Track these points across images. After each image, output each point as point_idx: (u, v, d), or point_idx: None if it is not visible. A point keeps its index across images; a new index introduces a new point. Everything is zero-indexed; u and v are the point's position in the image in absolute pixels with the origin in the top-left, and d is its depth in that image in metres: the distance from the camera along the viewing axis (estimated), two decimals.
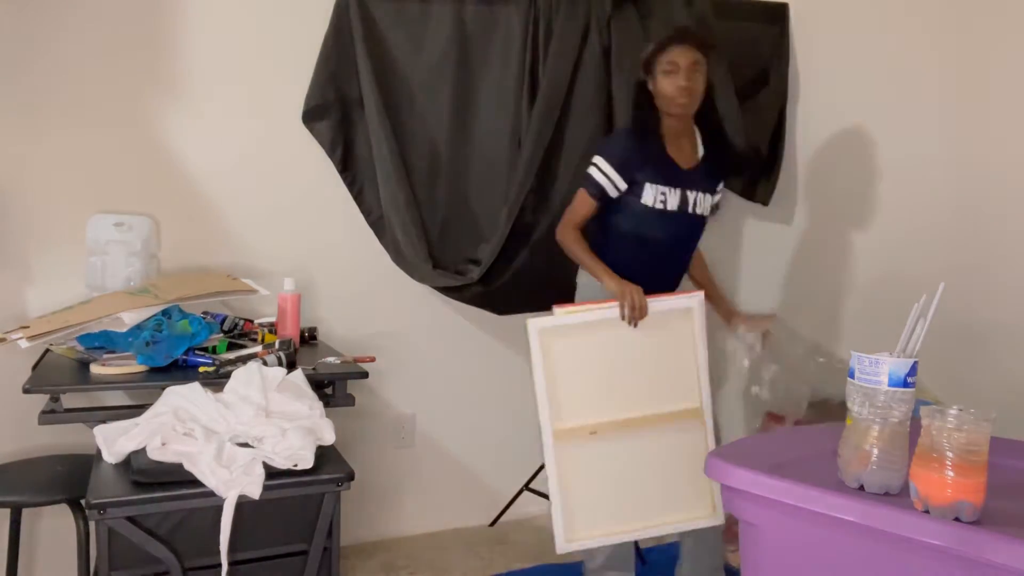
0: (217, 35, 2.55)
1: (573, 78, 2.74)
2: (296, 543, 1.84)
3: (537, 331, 2.15)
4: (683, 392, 2.24)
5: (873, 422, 1.30)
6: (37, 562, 2.45)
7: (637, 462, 2.22)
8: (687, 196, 2.31)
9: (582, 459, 2.20)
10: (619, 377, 2.21)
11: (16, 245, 2.40)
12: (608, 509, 2.21)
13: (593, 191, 2.30)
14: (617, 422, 2.20)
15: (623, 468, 2.21)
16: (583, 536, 2.21)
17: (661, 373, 2.22)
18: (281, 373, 2.00)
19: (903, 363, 1.29)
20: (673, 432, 2.22)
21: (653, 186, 2.27)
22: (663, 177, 2.28)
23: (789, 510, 1.33)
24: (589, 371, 2.19)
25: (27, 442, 2.36)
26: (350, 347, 2.71)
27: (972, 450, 1.16)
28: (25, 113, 2.37)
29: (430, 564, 2.74)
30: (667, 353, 2.22)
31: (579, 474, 2.20)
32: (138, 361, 2.06)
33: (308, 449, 1.81)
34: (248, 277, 2.46)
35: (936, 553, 1.17)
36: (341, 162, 2.69)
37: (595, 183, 2.29)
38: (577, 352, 2.18)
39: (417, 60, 2.69)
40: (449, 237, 2.78)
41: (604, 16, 2.77)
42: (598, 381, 2.20)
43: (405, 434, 2.93)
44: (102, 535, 1.67)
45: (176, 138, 2.54)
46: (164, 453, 1.75)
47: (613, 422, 2.20)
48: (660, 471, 2.23)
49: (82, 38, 2.41)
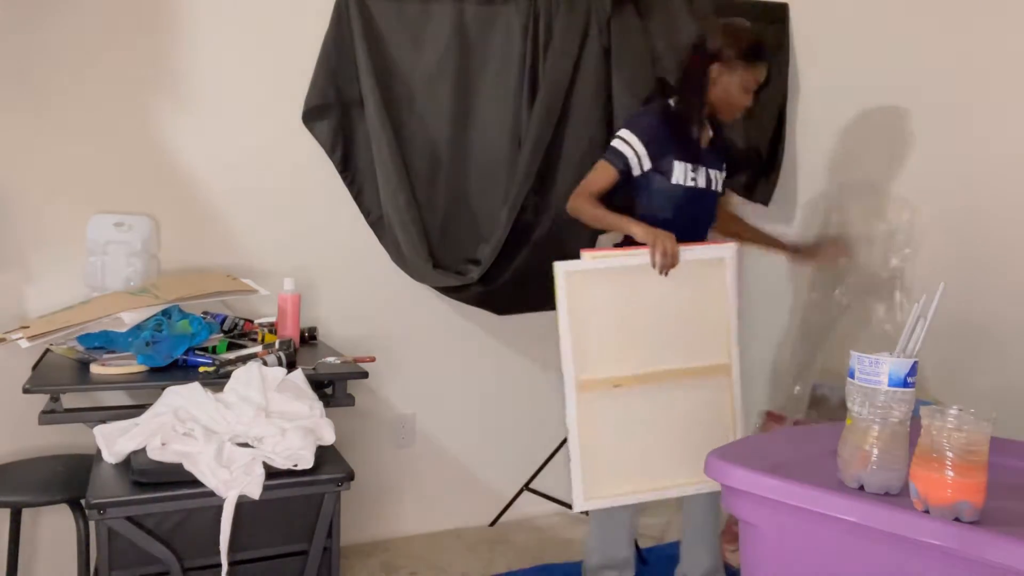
0: (217, 35, 2.55)
1: (573, 78, 2.74)
2: (296, 543, 1.84)
3: (564, 274, 2.05)
4: (712, 348, 2.14)
5: (873, 422, 1.30)
6: (37, 562, 2.45)
7: (661, 419, 2.12)
8: (709, 174, 2.30)
9: (604, 413, 2.09)
10: (646, 328, 2.11)
11: (16, 245, 2.40)
12: (629, 467, 2.10)
13: (616, 162, 2.22)
14: (642, 375, 2.11)
15: (646, 425, 2.11)
16: (603, 494, 2.11)
17: (690, 326, 2.12)
18: (281, 373, 2.00)
19: (903, 363, 1.29)
20: (700, 389, 2.13)
21: (682, 164, 2.23)
22: (691, 155, 2.25)
23: (789, 510, 1.33)
24: (616, 320, 2.09)
25: (27, 442, 2.36)
26: (350, 347, 2.71)
27: (972, 450, 1.16)
28: (25, 113, 2.37)
29: (430, 564, 2.74)
30: (697, 306, 2.12)
31: (601, 429, 2.09)
32: (138, 361, 2.06)
33: (308, 449, 1.81)
34: (248, 277, 2.46)
35: (936, 553, 1.17)
36: (341, 162, 2.69)
37: (620, 155, 2.22)
38: (604, 300, 2.08)
39: (417, 60, 2.69)
40: (449, 237, 2.78)
41: (604, 16, 2.77)
42: (625, 331, 2.10)
43: (405, 434, 2.93)
44: (102, 535, 1.67)
45: (176, 138, 2.54)
46: (164, 453, 1.75)
47: (638, 375, 2.10)
48: (684, 430, 2.12)
49: (82, 38, 2.41)
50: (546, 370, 3.10)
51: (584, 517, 3.09)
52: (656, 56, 2.85)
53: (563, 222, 2.75)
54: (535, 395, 3.09)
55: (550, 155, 2.73)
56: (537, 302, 2.92)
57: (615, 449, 2.11)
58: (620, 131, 2.27)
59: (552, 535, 2.99)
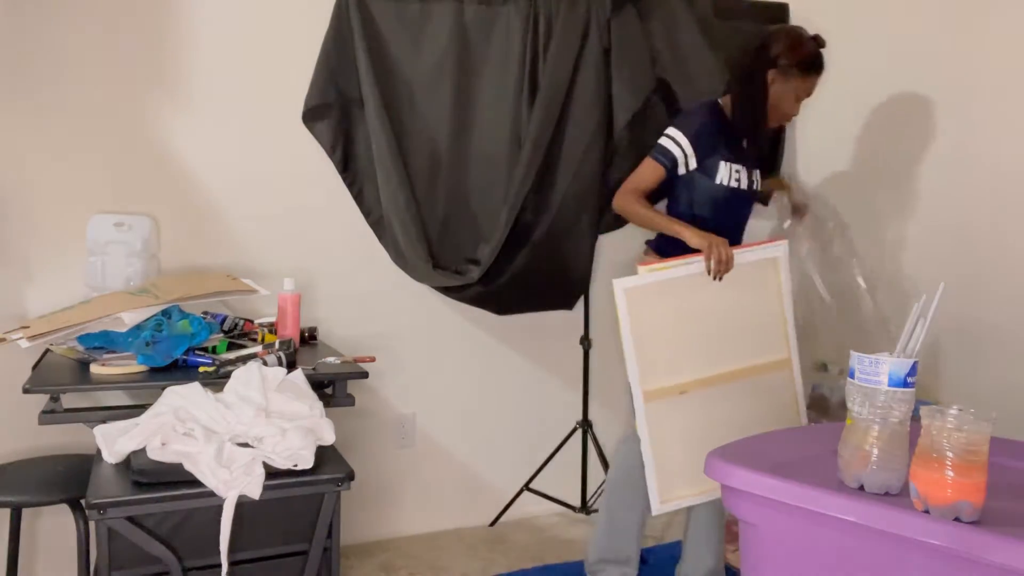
0: (217, 35, 2.55)
1: (573, 78, 2.74)
2: (296, 543, 1.84)
3: (623, 291, 2.09)
4: (771, 344, 2.20)
5: (873, 422, 1.30)
6: (37, 562, 2.45)
7: (728, 418, 2.17)
8: (751, 175, 2.33)
9: (673, 418, 2.15)
10: (707, 333, 2.16)
11: (16, 245, 2.40)
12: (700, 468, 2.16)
13: (664, 160, 2.25)
14: (706, 379, 2.16)
15: (714, 425, 2.16)
16: (679, 495, 2.17)
17: (748, 326, 2.18)
18: (281, 373, 2.00)
19: (903, 363, 1.29)
20: (762, 385, 2.19)
21: (728, 164, 2.26)
22: (735, 155, 2.28)
23: (789, 510, 1.33)
24: (675, 329, 2.15)
25: (27, 442, 2.36)
26: (350, 347, 2.71)
27: (972, 450, 1.16)
28: (25, 113, 2.37)
29: (430, 564, 2.74)
30: (754, 305, 2.18)
31: (671, 434, 2.15)
32: (138, 361, 2.06)
33: (308, 449, 1.81)
34: (248, 277, 2.47)
35: (936, 553, 1.17)
36: (341, 162, 2.69)
37: (668, 152, 2.24)
38: (663, 310, 2.13)
39: (417, 60, 2.69)
40: (449, 237, 2.78)
41: (604, 16, 2.76)
42: (686, 338, 2.16)
43: (405, 434, 2.93)
44: (102, 535, 1.67)
45: (176, 138, 2.54)
46: (164, 453, 1.75)
47: (702, 379, 2.16)
48: (751, 425, 2.15)
49: (82, 38, 2.41)
50: (546, 370, 3.11)
51: (584, 517, 3.09)
52: (656, 56, 2.85)
53: (563, 222, 2.75)
54: (535, 395, 3.09)
55: (550, 155, 2.73)
56: (537, 302, 2.93)
57: (686, 452, 2.16)
58: (668, 129, 2.29)
59: (552, 535, 2.99)
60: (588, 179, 2.75)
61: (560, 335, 3.08)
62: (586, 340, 3.01)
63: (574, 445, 3.06)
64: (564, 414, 3.10)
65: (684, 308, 2.14)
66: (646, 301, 2.11)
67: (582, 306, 3.02)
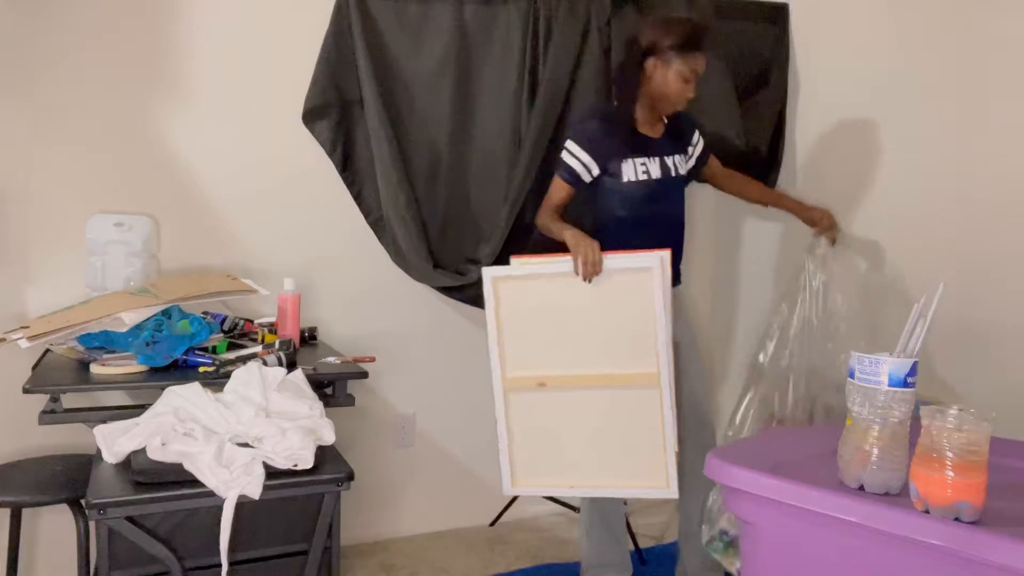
0: (217, 35, 2.55)
1: (573, 78, 2.74)
2: (296, 543, 1.84)
3: (491, 279, 2.17)
4: (639, 355, 2.16)
5: (873, 422, 1.30)
6: (37, 562, 2.45)
7: (587, 420, 2.21)
8: (665, 162, 2.32)
9: (530, 409, 2.23)
10: (572, 332, 2.18)
11: (16, 245, 2.40)
12: (555, 461, 2.25)
13: (566, 176, 2.29)
14: (567, 377, 2.20)
15: (573, 424, 2.22)
16: (527, 483, 2.28)
17: (617, 333, 2.16)
18: (281, 373, 2.00)
19: (903, 363, 1.29)
20: (628, 396, 2.18)
21: (631, 161, 2.27)
22: (639, 150, 2.28)
23: (789, 510, 1.33)
24: (541, 323, 2.18)
25: (27, 442, 2.36)
26: (350, 347, 2.71)
27: (972, 450, 1.16)
28: (25, 113, 2.37)
29: (430, 564, 2.74)
30: (625, 313, 2.15)
31: (526, 423, 2.24)
32: (138, 361, 2.06)
33: (308, 449, 1.81)
34: (248, 277, 2.47)
35: (936, 553, 1.17)
36: (341, 162, 2.69)
37: (568, 168, 2.29)
38: (531, 303, 2.18)
39: (417, 60, 2.69)
40: (449, 237, 2.78)
41: (604, 16, 2.77)
42: (550, 334, 2.19)
43: (405, 434, 2.93)
44: (102, 535, 1.67)
45: (176, 138, 2.54)
46: (164, 453, 1.75)
47: (563, 376, 2.20)
48: (611, 433, 2.21)
49: (82, 38, 2.41)
50: None
51: None
52: None
53: None
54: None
55: (550, 155, 2.73)
56: None
57: (541, 442, 2.25)
58: (566, 142, 2.32)
59: (552, 535, 2.99)
60: None
61: None
62: None
63: None
64: None
65: (552, 305, 2.17)
66: (517, 293, 2.17)
67: None
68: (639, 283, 2.12)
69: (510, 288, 2.18)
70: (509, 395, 2.23)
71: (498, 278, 2.17)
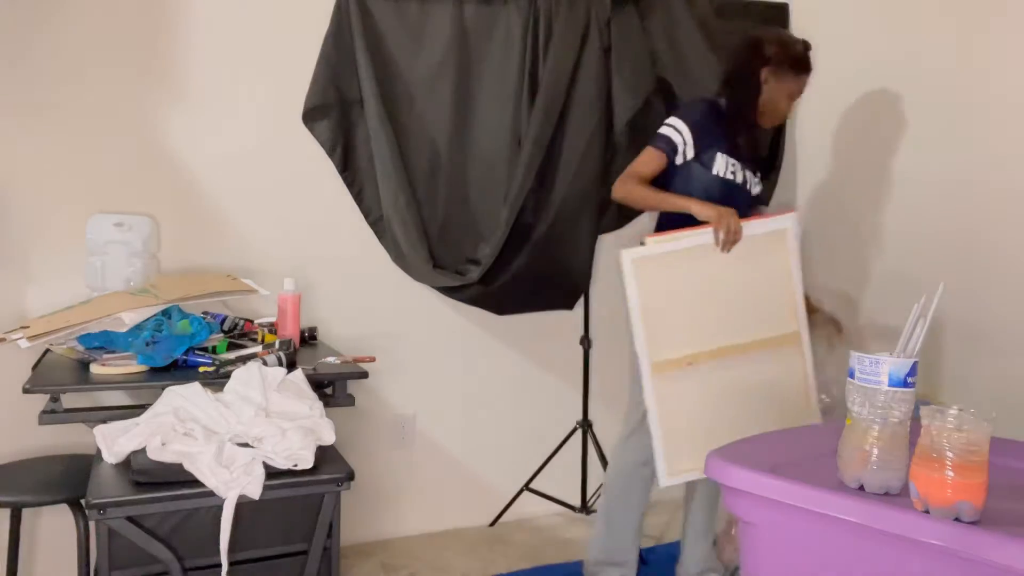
0: (217, 35, 2.55)
1: (573, 78, 2.74)
2: (296, 543, 1.84)
3: (631, 261, 2.09)
4: (780, 317, 2.19)
5: (873, 422, 1.30)
6: (37, 562, 2.45)
7: (736, 391, 2.16)
8: (747, 174, 2.33)
9: (681, 391, 2.14)
10: (714, 305, 2.16)
11: (16, 245, 2.40)
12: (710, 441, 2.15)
13: (663, 146, 2.26)
14: (714, 350, 2.15)
15: (722, 398, 2.16)
16: (685, 468, 2.14)
17: (757, 299, 2.17)
18: (281, 373, 2.00)
19: (903, 363, 1.29)
20: (772, 360, 2.18)
21: (724, 157, 2.27)
22: (735, 151, 2.29)
23: (789, 510, 1.33)
24: (684, 300, 2.14)
25: (27, 442, 2.36)
26: (350, 347, 2.71)
27: (972, 450, 1.16)
28: (25, 113, 2.37)
29: (430, 564, 2.74)
30: (763, 278, 2.17)
31: (678, 406, 2.14)
32: (138, 361, 2.06)
33: (308, 449, 1.81)
34: (248, 277, 2.46)
35: (936, 553, 1.17)
36: (341, 162, 2.69)
37: (668, 140, 2.26)
38: (671, 281, 2.12)
39: (417, 60, 2.69)
40: (449, 237, 2.78)
41: (604, 16, 2.77)
42: (693, 310, 2.15)
43: (405, 434, 2.93)
44: (102, 535, 1.67)
45: (176, 138, 2.54)
46: (164, 453, 1.75)
47: (709, 351, 2.15)
48: (760, 400, 2.16)
49: (82, 38, 2.41)
50: (546, 370, 3.11)
51: (584, 517, 3.09)
52: (656, 56, 2.85)
53: (563, 222, 2.75)
54: (535, 395, 3.09)
55: (550, 155, 2.73)
56: (537, 302, 2.93)
57: (695, 425, 2.15)
58: (669, 119, 2.30)
59: (552, 535, 2.99)
60: (588, 179, 2.75)
61: (560, 335, 3.08)
62: (586, 340, 3.01)
63: (574, 445, 3.05)
64: (564, 414, 3.10)
65: (692, 280, 2.13)
66: (653, 272, 2.11)
67: (582, 306, 3.02)
68: (774, 245, 2.16)
69: (649, 268, 2.10)
70: (658, 380, 2.12)
71: (638, 259, 2.09)
